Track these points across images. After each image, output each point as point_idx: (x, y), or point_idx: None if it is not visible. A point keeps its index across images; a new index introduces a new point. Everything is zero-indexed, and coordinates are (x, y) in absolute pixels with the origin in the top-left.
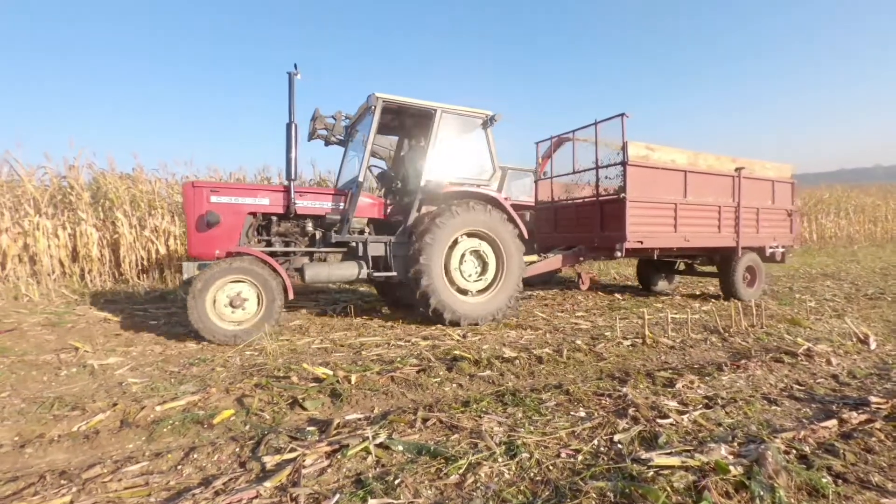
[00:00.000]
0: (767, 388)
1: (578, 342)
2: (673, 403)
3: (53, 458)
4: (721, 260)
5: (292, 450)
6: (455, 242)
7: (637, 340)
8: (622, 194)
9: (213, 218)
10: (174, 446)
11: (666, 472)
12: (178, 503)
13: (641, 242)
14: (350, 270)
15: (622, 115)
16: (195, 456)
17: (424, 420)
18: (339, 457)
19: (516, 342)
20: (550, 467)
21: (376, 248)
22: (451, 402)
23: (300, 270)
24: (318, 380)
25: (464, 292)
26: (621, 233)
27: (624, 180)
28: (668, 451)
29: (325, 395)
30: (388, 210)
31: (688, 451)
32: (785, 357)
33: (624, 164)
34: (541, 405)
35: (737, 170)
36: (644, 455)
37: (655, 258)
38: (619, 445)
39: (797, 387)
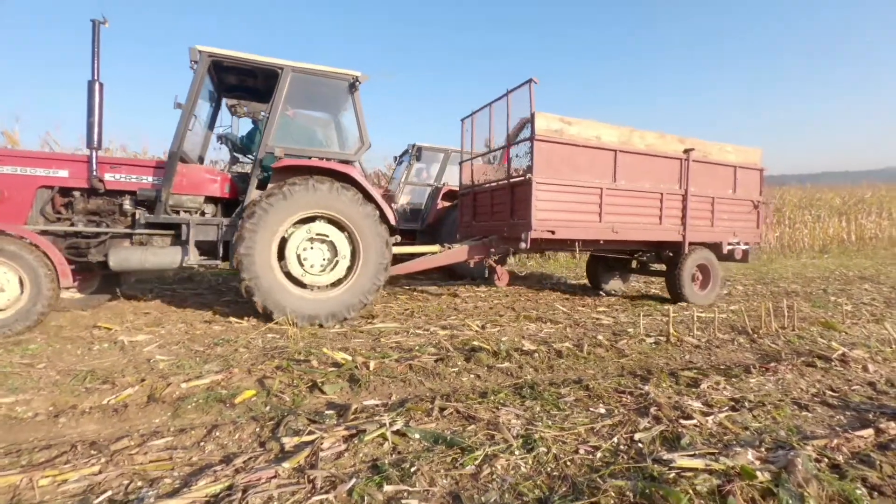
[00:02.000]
0: (798, 392)
1: (600, 337)
2: (697, 404)
3: (84, 429)
4: (668, 257)
5: (310, 432)
6: (305, 224)
7: (661, 338)
8: (528, 175)
9: None
10: (197, 423)
11: (688, 474)
12: (199, 478)
13: (553, 232)
14: (168, 257)
15: (529, 80)
16: (217, 434)
17: (441, 409)
18: (356, 442)
19: (536, 335)
20: (568, 463)
21: (204, 232)
22: (469, 393)
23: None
24: (337, 365)
25: (307, 286)
26: (527, 220)
27: (531, 159)
28: (692, 452)
29: (344, 380)
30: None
31: (712, 453)
32: (818, 361)
33: (531, 139)
34: (559, 399)
35: (685, 151)
36: (666, 455)
37: (578, 252)
38: (640, 444)
39: (830, 393)
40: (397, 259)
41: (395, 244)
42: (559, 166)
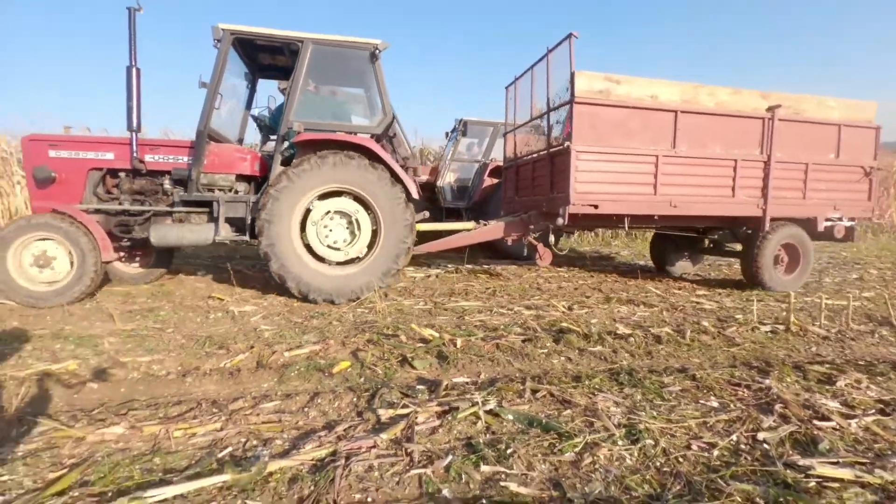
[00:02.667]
0: None
1: (704, 323)
2: (834, 404)
3: (206, 389)
4: (745, 235)
5: (405, 406)
6: (331, 198)
7: (778, 326)
8: (566, 143)
9: (40, 174)
10: (300, 390)
11: (834, 485)
12: (305, 442)
13: (596, 207)
14: (203, 234)
15: (569, 35)
16: (318, 401)
17: (534, 391)
18: (449, 418)
19: (628, 318)
20: (680, 459)
21: (234, 209)
22: (561, 376)
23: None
24: (424, 340)
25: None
26: (565, 194)
27: (570, 124)
28: (834, 460)
29: (433, 356)
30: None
31: (863, 463)
32: None
33: (570, 102)
34: (663, 389)
35: (769, 109)
36: (801, 461)
37: (626, 229)
38: (766, 445)
39: None
40: (431, 236)
41: (422, 221)
42: (605, 132)
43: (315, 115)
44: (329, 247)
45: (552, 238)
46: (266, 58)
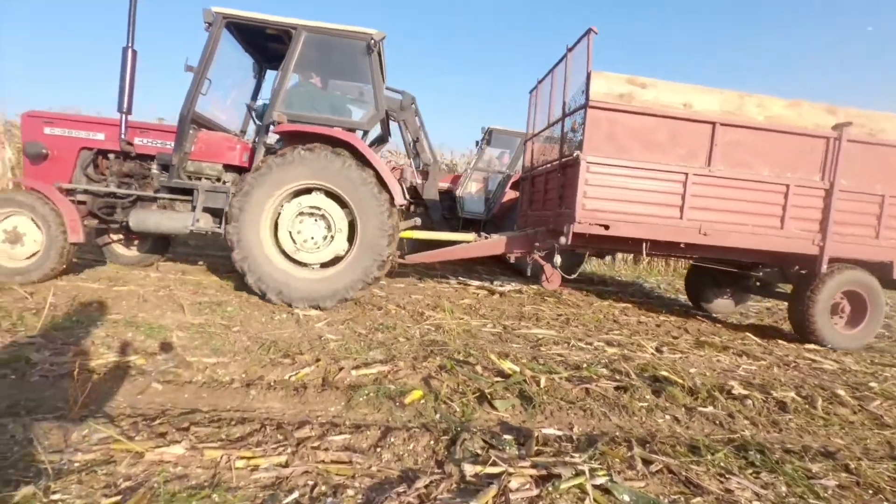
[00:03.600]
0: None
1: (839, 392)
2: None
3: (270, 406)
4: (797, 275)
5: (493, 463)
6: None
7: None
8: (576, 152)
9: (32, 149)
10: (371, 421)
11: None
12: (383, 500)
13: (607, 228)
14: (179, 222)
15: (588, 32)
16: (392, 440)
17: (646, 462)
18: (549, 489)
19: (733, 371)
20: None
21: (213, 199)
22: (673, 443)
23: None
24: (503, 374)
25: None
26: (571, 210)
27: (583, 130)
28: None
29: (514, 395)
30: None
31: None
32: None
33: (585, 106)
34: (811, 480)
35: (836, 127)
36: None
37: (646, 255)
38: None
39: None
40: (429, 245)
41: (413, 228)
42: (625, 142)
43: (305, 106)
44: (301, 247)
45: (557, 259)
46: (272, 48)
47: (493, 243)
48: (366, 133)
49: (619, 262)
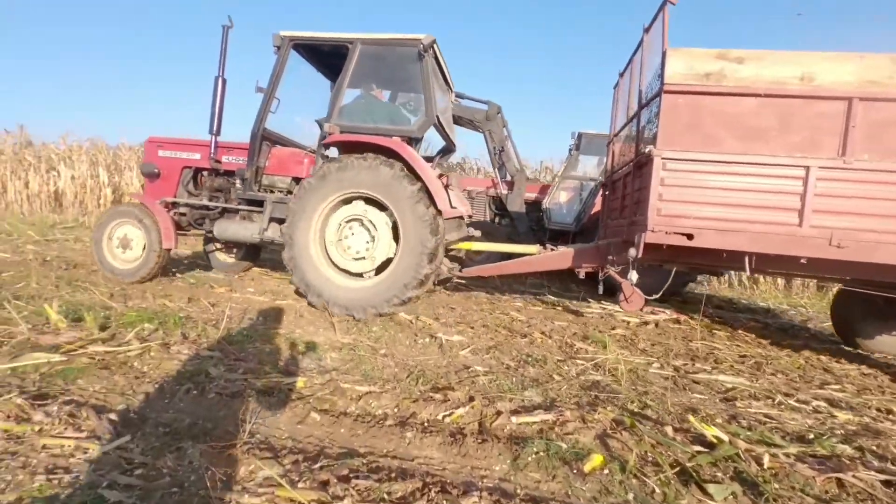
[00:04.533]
0: None
1: None
2: None
3: (430, 456)
4: None
5: None
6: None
7: None
8: (648, 147)
9: (146, 169)
10: (546, 493)
11: None
12: None
13: (691, 237)
14: (249, 231)
15: (664, 4)
16: None
17: None
18: None
19: None
20: None
21: (280, 210)
22: None
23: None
24: (704, 442)
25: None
26: (643, 216)
27: (657, 121)
28: None
29: (728, 476)
30: None
31: None
32: None
33: (660, 91)
34: None
35: None
36: None
37: (750, 273)
38: None
39: None
40: (490, 258)
41: (474, 238)
42: (714, 131)
43: (363, 117)
44: (345, 256)
45: (633, 275)
46: (338, 64)
47: (559, 256)
48: (418, 140)
49: (745, 282)
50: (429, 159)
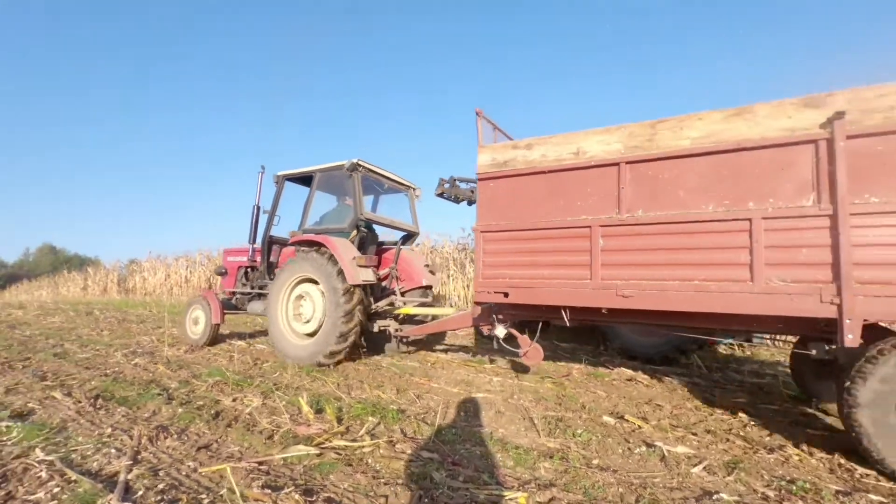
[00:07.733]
0: None
1: None
2: None
3: None
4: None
5: None
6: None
7: None
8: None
9: (218, 270)
10: None
11: None
12: None
13: (506, 295)
14: (260, 307)
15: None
16: None
17: None
18: None
19: None
20: None
21: None
22: None
23: None
24: None
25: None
26: (476, 280)
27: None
28: None
29: None
30: None
31: None
32: None
33: (475, 180)
34: None
35: (826, 124)
36: None
37: (568, 323)
38: None
39: None
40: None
41: (428, 305)
42: (516, 205)
43: (326, 220)
44: (294, 321)
45: (500, 330)
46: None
47: (461, 317)
48: (355, 231)
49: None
50: (386, 248)
